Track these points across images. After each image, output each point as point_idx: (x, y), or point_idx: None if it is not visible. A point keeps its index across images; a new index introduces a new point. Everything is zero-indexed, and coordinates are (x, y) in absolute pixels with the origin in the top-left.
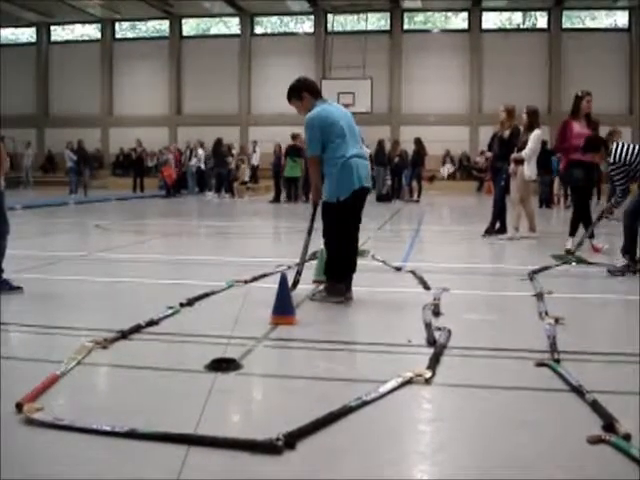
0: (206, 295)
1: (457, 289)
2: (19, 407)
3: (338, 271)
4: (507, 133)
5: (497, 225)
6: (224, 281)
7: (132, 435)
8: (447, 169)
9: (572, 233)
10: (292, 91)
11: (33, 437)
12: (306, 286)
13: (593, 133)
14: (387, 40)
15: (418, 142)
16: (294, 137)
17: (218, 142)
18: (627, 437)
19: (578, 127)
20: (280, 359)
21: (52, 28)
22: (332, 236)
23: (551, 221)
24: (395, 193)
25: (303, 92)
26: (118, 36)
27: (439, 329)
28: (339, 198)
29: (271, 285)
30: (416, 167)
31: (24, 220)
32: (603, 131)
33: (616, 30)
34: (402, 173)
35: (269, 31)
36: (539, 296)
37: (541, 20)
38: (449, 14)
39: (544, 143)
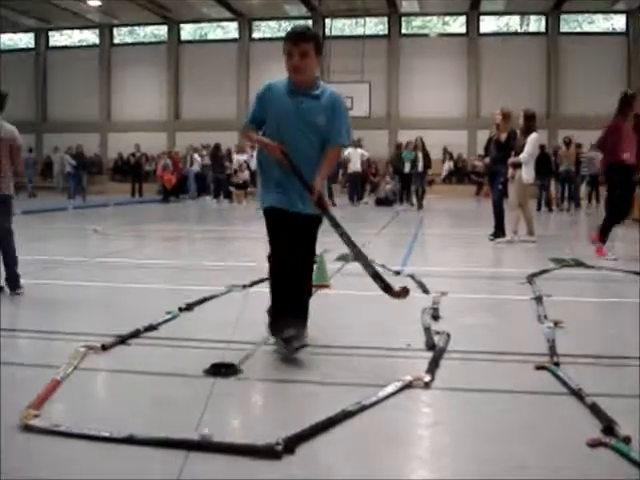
0: (205, 300)
1: (456, 293)
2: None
3: None
4: (504, 137)
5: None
6: (223, 286)
7: (131, 440)
8: (448, 166)
9: (604, 240)
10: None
11: (31, 443)
12: None
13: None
14: (385, 44)
15: (423, 145)
16: None
17: (216, 147)
18: (627, 440)
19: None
20: (279, 364)
21: (50, 34)
22: None
23: (549, 224)
24: (405, 197)
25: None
26: (116, 41)
27: (438, 333)
28: None
29: None
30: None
31: (24, 225)
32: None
33: (614, 34)
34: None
35: (267, 36)
36: (538, 299)
37: (539, 24)
38: (447, 18)
39: (542, 147)
